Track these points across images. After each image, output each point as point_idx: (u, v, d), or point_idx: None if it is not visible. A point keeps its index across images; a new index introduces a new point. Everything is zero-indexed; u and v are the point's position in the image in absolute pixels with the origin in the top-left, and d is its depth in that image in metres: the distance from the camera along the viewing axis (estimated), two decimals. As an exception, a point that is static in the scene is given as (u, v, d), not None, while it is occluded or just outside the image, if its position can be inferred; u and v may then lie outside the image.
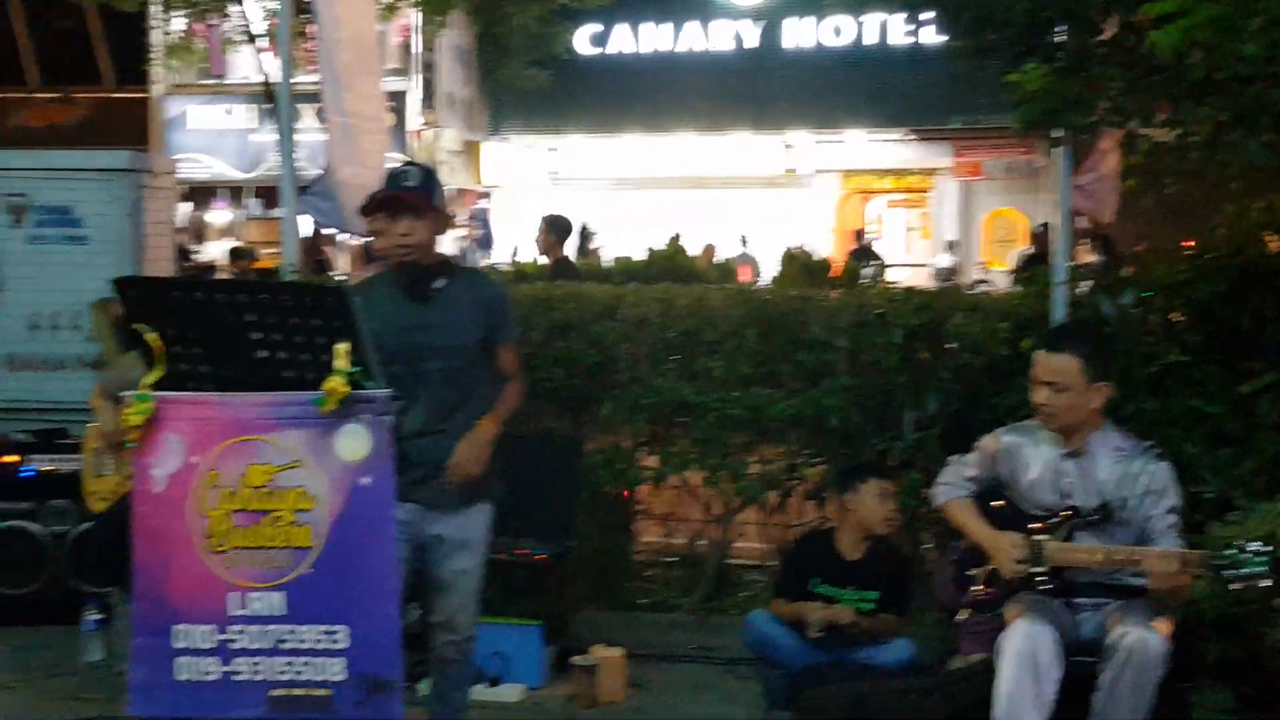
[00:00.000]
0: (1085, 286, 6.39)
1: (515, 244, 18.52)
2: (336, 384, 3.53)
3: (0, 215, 7.36)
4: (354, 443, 3.60)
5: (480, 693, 5.59)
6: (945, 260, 23.25)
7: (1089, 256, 12.06)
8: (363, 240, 6.10)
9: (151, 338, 3.59)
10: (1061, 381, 4.49)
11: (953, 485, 4.86)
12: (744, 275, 18.77)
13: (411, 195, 4.45)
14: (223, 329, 3.60)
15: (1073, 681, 4.34)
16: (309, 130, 10.22)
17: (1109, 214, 6.70)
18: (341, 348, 3.54)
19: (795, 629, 5.56)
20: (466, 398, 4.51)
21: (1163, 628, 4.29)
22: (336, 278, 13.22)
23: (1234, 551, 4.12)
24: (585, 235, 19.34)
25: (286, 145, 6.62)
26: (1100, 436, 4.55)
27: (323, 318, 3.55)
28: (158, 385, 3.63)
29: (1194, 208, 6.90)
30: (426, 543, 4.51)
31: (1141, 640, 4.21)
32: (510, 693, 5.73)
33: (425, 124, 21.56)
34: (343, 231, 7.65)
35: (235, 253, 17.48)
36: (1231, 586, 4.11)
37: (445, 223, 4.63)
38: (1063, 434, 4.56)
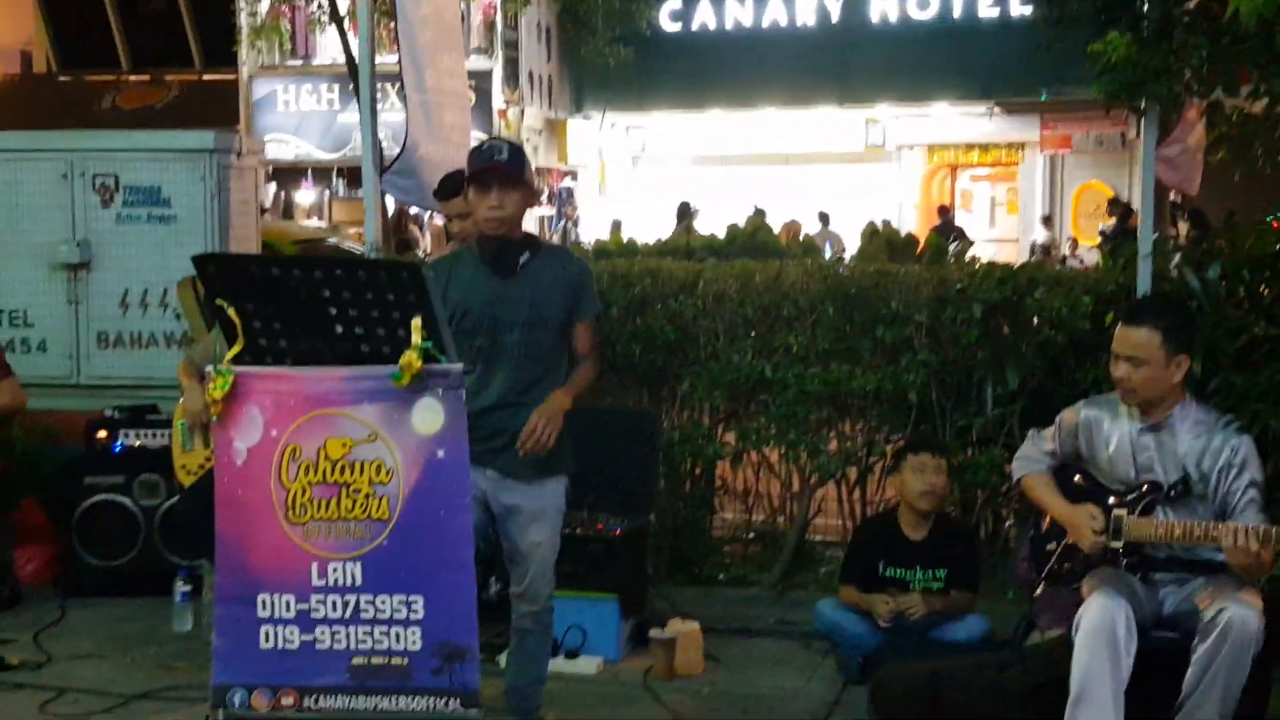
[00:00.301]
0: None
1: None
2: (411, 358, 3.58)
3: (90, 195, 7.50)
4: (429, 416, 3.65)
5: (558, 665, 5.64)
6: (1041, 235, 23.00)
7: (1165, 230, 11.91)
8: (445, 218, 6.13)
9: (231, 313, 3.66)
10: (1141, 355, 4.43)
11: (1030, 459, 4.83)
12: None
13: (503, 167, 4.48)
14: (300, 305, 3.65)
15: (1154, 657, 4.31)
16: (394, 110, 10.30)
17: (1195, 186, 6.60)
18: (416, 322, 3.58)
19: (864, 615, 5.59)
20: (547, 372, 4.54)
21: (1257, 603, 4.24)
22: (421, 256, 13.36)
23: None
24: (688, 213, 19.36)
25: (368, 125, 6.68)
26: (1181, 410, 4.49)
27: (396, 293, 3.59)
28: (238, 360, 3.70)
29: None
30: (501, 513, 4.55)
31: (1241, 617, 4.16)
32: (588, 665, 5.77)
33: (508, 103, 21.64)
34: (425, 209, 7.70)
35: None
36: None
37: (533, 198, 4.65)
38: (1142, 408, 4.51)
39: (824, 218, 21.62)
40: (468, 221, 5.51)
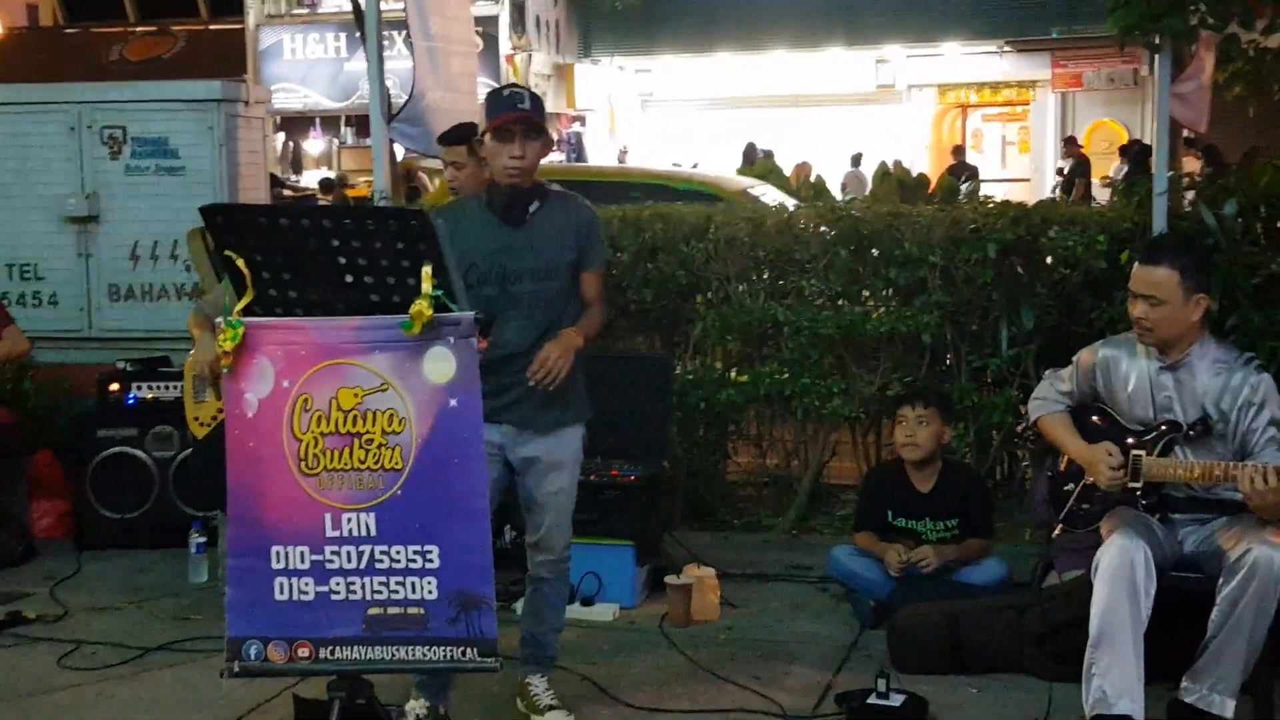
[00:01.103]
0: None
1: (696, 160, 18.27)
2: (422, 307, 3.54)
3: (98, 147, 7.47)
4: (441, 365, 3.62)
5: (575, 612, 5.65)
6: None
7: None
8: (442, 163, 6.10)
9: (239, 264, 3.62)
10: (1159, 295, 4.38)
11: (1048, 400, 4.79)
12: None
13: (529, 117, 4.42)
14: (309, 254, 3.61)
15: (1173, 597, 4.29)
16: (401, 58, 10.26)
17: (1205, 123, 6.51)
18: (425, 270, 3.54)
19: (879, 561, 5.59)
20: (557, 321, 4.50)
21: None
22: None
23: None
24: (755, 155, 19.26)
25: (375, 73, 6.63)
26: (1199, 349, 4.45)
27: (406, 241, 3.55)
28: (248, 311, 3.67)
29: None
30: (519, 465, 4.53)
31: (1268, 557, 4.13)
32: (604, 612, 5.78)
33: (515, 48, 21.50)
34: (433, 157, 7.65)
35: (324, 184, 17.61)
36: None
37: (550, 147, 4.60)
38: (1160, 347, 4.47)
39: (856, 159, 21.45)
40: (463, 172, 5.49)
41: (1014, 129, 26.53)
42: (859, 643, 5.42)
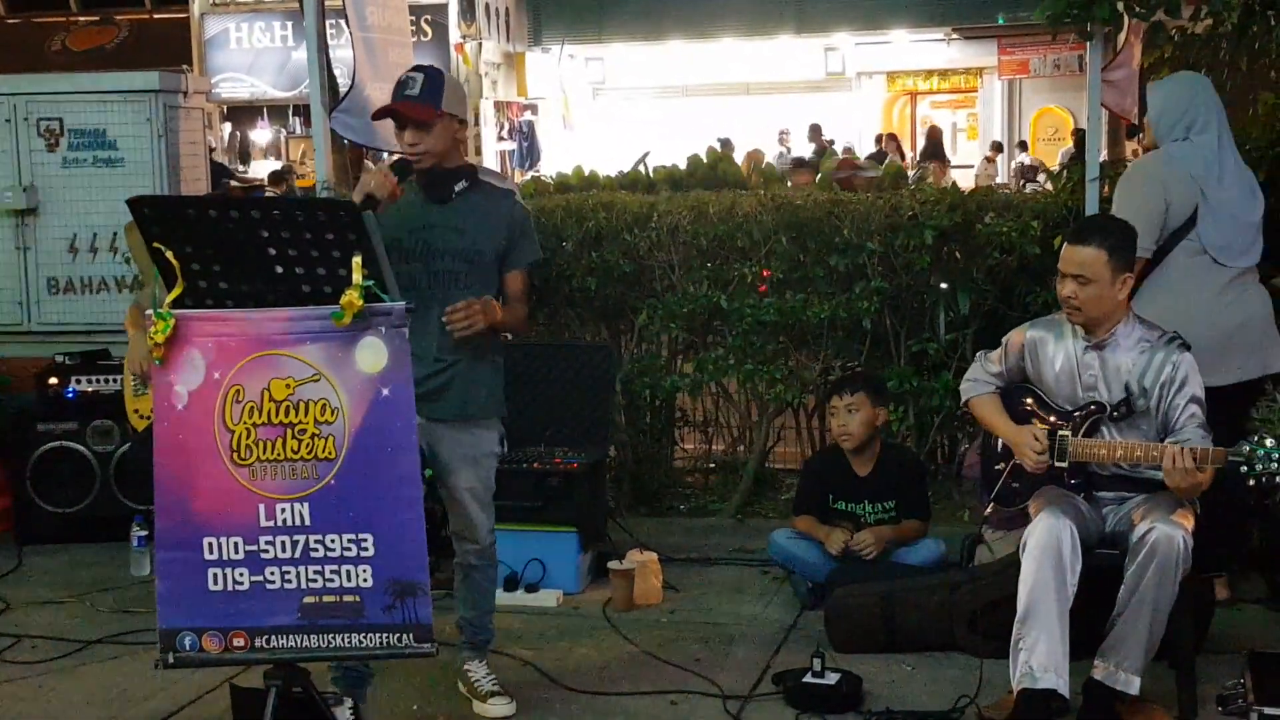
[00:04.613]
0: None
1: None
2: (352, 297, 3.56)
3: (35, 139, 7.40)
4: (372, 355, 3.63)
5: (518, 599, 5.71)
6: (1026, 159, 23.00)
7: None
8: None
9: (169, 256, 3.63)
10: (1087, 274, 4.44)
11: (978, 382, 4.85)
12: (803, 179, 18.63)
13: (405, 105, 4.45)
14: (239, 246, 3.62)
15: (1097, 574, 4.36)
16: (349, 46, 10.23)
17: (1134, 111, 6.58)
18: (356, 261, 3.56)
19: (819, 543, 5.65)
20: None
21: (1187, 522, 4.28)
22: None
23: (1250, 447, 4.10)
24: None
25: (314, 62, 6.61)
26: (1124, 328, 4.51)
27: (336, 231, 3.57)
28: (178, 303, 3.67)
29: (1233, 99, 6.79)
30: (431, 456, 4.56)
31: (1167, 536, 4.20)
32: (548, 598, 5.81)
33: (465, 37, 21.41)
34: (373, 148, 7.64)
35: (274, 176, 17.50)
36: (1249, 483, 4.09)
37: (458, 126, 4.59)
38: (1087, 326, 4.53)
39: (821, 149, 21.47)
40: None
41: (963, 115, 26.66)
42: (798, 624, 5.48)
